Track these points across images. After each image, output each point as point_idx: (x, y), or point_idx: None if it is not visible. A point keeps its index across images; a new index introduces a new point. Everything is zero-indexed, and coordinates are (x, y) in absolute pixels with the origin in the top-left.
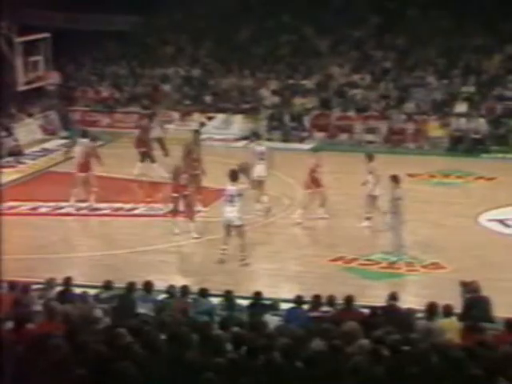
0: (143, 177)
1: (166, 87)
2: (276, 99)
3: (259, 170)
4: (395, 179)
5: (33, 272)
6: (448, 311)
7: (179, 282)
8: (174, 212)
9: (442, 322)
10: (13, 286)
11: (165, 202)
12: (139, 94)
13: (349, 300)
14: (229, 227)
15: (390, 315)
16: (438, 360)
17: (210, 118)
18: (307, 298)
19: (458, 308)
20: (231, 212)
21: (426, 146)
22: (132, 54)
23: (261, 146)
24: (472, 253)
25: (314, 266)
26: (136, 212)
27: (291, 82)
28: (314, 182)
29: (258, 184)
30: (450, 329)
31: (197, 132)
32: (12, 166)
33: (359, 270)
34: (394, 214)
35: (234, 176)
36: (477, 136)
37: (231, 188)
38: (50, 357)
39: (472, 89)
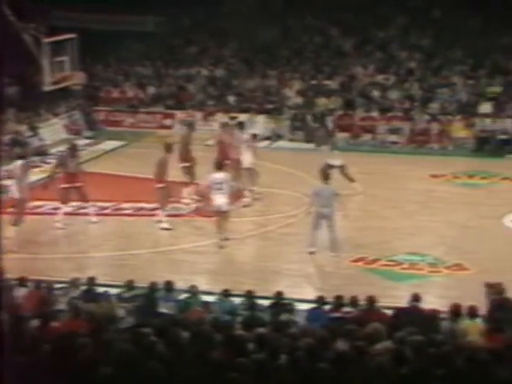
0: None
1: (190, 87)
2: (299, 100)
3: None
4: (323, 174)
5: (57, 271)
6: (473, 313)
7: (200, 281)
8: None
9: (466, 324)
10: (38, 284)
11: (187, 201)
12: (163, 94)
13: (371, 301)
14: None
15: (413, 316)
16: (463, 362)
17: (233, 118)
18: (329, 299)
19: (482, 310)
20: (220, 198)
21: (450, 147)
22: (156, 54)
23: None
24: (497, 254)
25: (336, 266)
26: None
27: (315, 82)
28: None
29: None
30: (474, 331)
31: (191, 125)
32: (37, 166)
33: (381, 270)
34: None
35: (218, 165)
36: (503, 137)
37: (218, 176)
38: (77, 355)
39: (498, 89)
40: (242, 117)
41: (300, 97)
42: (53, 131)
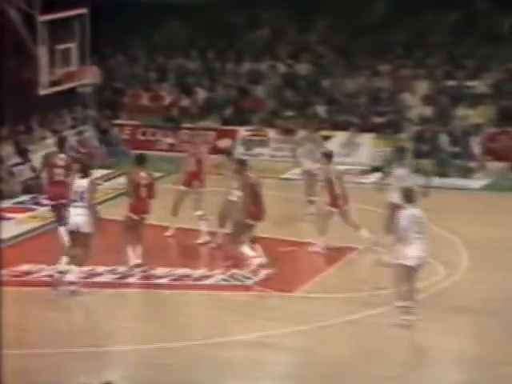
0: None
1: (259, 90)
2: (427, 109)
3: None
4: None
5: (56, 373)
6: None
7: None
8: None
9: None
10: None
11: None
12: (218, 100)
13: None
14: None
15: None
16: None
17: (326, 138)
18: None
19: None
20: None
21: None
22: (207, 39)
23: None
24: None
25: (481, 372)
26: (209, 282)
27: (451, 82)
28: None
29: None
30: None
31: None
32: (28, 209)
33: None
34: None
35: (409, 197)
36: None
37: (416, 213)
38: None
39: None
40: (338, 135)
41: (428, 105)
42: None
